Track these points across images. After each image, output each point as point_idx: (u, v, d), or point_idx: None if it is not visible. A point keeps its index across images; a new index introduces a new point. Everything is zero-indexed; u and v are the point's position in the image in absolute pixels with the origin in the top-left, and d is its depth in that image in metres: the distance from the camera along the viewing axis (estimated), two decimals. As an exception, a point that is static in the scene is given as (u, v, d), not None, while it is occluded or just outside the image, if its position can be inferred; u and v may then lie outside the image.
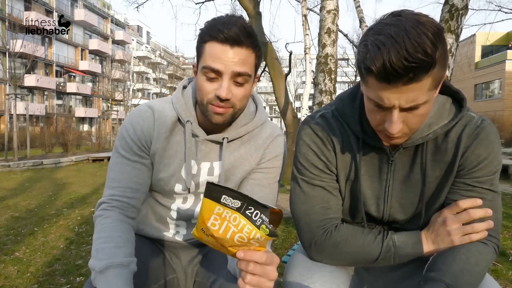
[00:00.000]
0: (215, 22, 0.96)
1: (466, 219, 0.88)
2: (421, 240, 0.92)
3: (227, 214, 0.67)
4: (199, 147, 1.07)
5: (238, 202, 0.67)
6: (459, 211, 0.90)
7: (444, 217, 0.91)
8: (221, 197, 0.67)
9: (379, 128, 0.84)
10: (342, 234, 0.96)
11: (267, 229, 0.67)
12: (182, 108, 1.06)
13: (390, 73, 0.70)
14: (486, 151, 0.88)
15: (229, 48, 0.93)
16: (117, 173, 1.05)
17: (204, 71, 0.95)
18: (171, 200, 1.12)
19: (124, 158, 1.05)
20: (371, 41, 0.73)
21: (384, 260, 0.93)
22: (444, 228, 0.90)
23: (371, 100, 0.79)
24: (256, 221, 0.67)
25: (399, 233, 0.95)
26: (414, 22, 0.71)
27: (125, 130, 1.06)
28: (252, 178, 1.10)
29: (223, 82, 0.95)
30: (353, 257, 0.96)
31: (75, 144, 16.72)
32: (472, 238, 0.88)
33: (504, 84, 24.05)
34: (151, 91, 51.08)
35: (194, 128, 1.05)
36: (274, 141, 1.13)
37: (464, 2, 3.14)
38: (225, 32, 0.92)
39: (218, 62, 0.93)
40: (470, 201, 0.89)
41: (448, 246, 0.89)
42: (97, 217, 1.01)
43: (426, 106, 0.77)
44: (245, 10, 7.17)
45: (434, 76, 0.72)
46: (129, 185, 1.04)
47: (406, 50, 0.68)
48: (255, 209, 0.67)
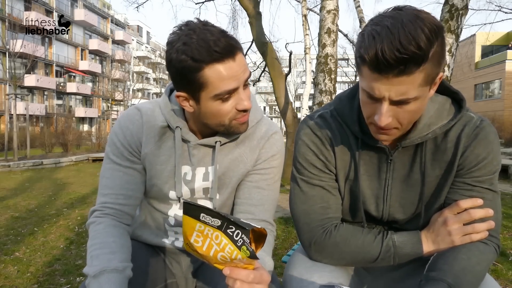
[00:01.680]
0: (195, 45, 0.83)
1: (467, 219, 0.88)
2: (421, 240, 0.92)
3: (208, 231, 0.65)
4: (192, 152, 1.03)
5: (218, 221, 0.64)
6: (460, 211, 0.89)
7: (444, 217, 0.91)
8: (199, 215, 0.65)
9: (370, 121, 0.85)
10: (342, 234, 0.96)
11: (248, 251, 0.64)
12: (170, 114, 1.02)
13: (382, 63, 0.71)
14: (485, 151, 0.88)
15: (231, 61, 0.86)
16: (108, 179, 1.02)
17: (217, 97, 0.88)
18: (168, 206, 1.10)
19: (116, 164, 1.03)
20: (368, 31, 0.74)
21: (383, 260, 0.93)
22: (444, 228, 0.90)
23: (364, 91, 0.80)
24: (237, 241, 0.64)
25: (399, 233, 0.95)
26: (413, 17, 0.71)
27: (114, 135, 1.03)
28: (249, 181, 1.06)
29: (241, 95, 0.90)
30: (353, 257, 0.96)
31: (75, 144, 16.71)
32: (472, 238, 0.88)
33: (504, 84, 24.04)
34: (151, 91, 51.09)
35: (184, 133, 1.01)
36: (270, 140, 1.07)
37: (464, 2, 3.14)
38: (218, 49, 0.83)
39: (232, 81, 0.86)
40: (471, 201, 0.89)
41: (448, 246, 0.89)
42: (90, 224, 1.00)
43: (417, 103, 0.77)
44: (245, 10, 7.17)
45: (427, 72, 0.73)
46: (121, 191, 1.02)
47: (400, 41, 0.68)
48: (236, 229, 0.64)
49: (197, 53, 0.83)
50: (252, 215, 1.04)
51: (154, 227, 1.13)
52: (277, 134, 1.09)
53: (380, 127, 0.81)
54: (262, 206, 1.05)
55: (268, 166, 1.07)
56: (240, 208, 1.06)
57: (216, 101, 0.89)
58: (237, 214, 1.06)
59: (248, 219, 1.03)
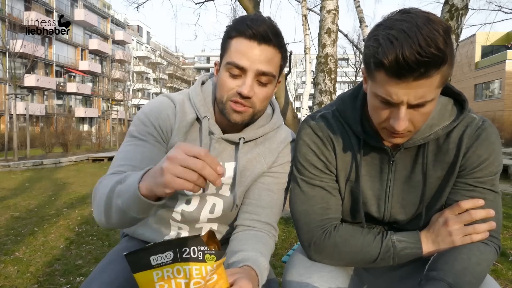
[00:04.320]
0: (243, 18, 0.94)
1: (468, 220, 0.88)
2: (420, 241, 0.92)
3: (167, 272, 0.61)
4: (213, 146, 1.03)
5: (170, 254, 0.60)
6: (461, 211, 0.89)
7: (445, 217, 0.91)
8: (150, 261, 0.60)
9: (383, 126, 0.83)
10: (341, 234, 0.96)
11: (213, 256, 0.62)
12: (201, 103, 1.03)
13: (402, 67, 0.70)
14: (487, 151, 0.88)
15: (256, 45, 0.90)
16: (127, 152, 0.94)
17: (227, 67, 0.92)
18: (174, 201, 1.08)
19: (140, 140, 0.96)
20: (383, 36, 0.73)
21: (383, 261, 0.93)
22: (445, 229, 0.90)
23: (378, 96, 0.79)
24: (198, 256, 0.61)
25: (399, 233, 0.95)
26: (425, 19, 0.71)
27: (144, 116, 0.99)
28: (262, 182, 1.07)
29: (246, 79, 0.92)
30: (352, 258, 0.96)
31: (75, 144, 16.72)
32: (473, 238, 0.88)
33: (504, 84, 24.04)
34: (151, 91, 51.08)
35: (211, 125, 1.02)
36: (288, 146, 1.10)
37: (464, 2, 3.14)
38: (254, 28, 0.89)
39: (244, 59, 0.90)
40: (472, 201, 0.89)
41: (448, 246, 0.89)
42: (104, 179, 0.89)
43: (432, 104, 0.78)
44: (245, 10, 7.17)
45: (443, 73, 0.73)
46: (141, 165, 0.90)
47: (419, 45, 0.68)
48: (189, 247, 0.61)
49: (238, 24, 0.93)
50: (257, 216, 1.04)
51: (155, 223, 1.13)
52: (293, 143, 1.11)
53: (397, 132, 0.80)
54: (270, 209, 1.05)
55: (283, 171, 1.09)
56: (247, 208, 1.06)
57: (226, 71, 0.93)
58: (242, 214, 1.06)
59: (253, 220, 1.03)
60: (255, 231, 1.03)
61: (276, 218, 1.07)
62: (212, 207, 1.08)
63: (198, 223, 1.10)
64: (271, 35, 0.91)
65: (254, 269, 0.86)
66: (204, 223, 1.11)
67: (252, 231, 1.02)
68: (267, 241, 1.02)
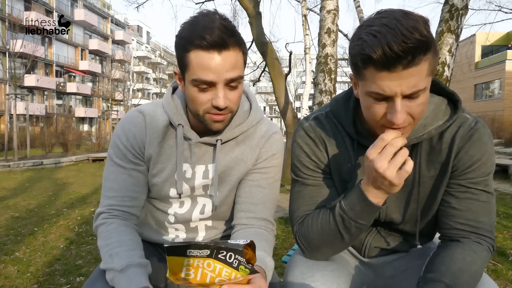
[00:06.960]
0: (193, 27, 0.87)
1: (392, 151, 0.80)
2: (364, 193, 0.87)
3: (198, 262, 0.63)
4: (193, 150, 1.04)
5: (206, 251, 0.63)
6: (383, 146, 0.81)
7: (370, 160, 0.82)
8: (186, 252, 0.63)
9: (381, 123, 0.81)
10: (306, 224, 0.98)
11: (247, 269, 0.64)
12: (173, 112, 1.03)
13: (390, 57, 0.71)
14: (479, 152, 0.88)
15: (216, 54, 0.86)
16: (113, 182, 1.03)
17: (194, 83, 0.89)
18: (168, 205, 1.11)
19: (119, 167, 1.03)
20: (365, 33, 0.75)
21: (348, 230, 0.91)
22: (376, 172, 0.81)
23: (371, 93, 0.78)
24: (233, 262, 0.63)
25: (345, 197, 0.91)
26: (402, 13, 0.74)
27: (117, 138, 1.04)
28: (250, 179, 1.08)
29: (218, 92, 0.89)
30: (324, 241, 0.96)
31: (75, 144, 16.71)
32: (407, 169, 0.80)
33: (504, 84, 24.04)
34: (151, 91, 51.11)
35: (186, 131, 1.02)
36: (270, 140, 1.08)
37: (464, 2, 3.14)
38: (208, 37, 0.84)
39: (210, 73, 0.86)
40: (395, 132, 0.81)
41: (392, 187, 0.82)
42: (99, 225, 1.00)
43: (426, 93, 0.78)
44: (245, 10, 7.17)
45: (430, 61, 0.74)
46: (127, 194, 1.03)
47: (402, 33, 0.70)
48: (227, 252, 0.63)
49: (191, 36, 0.86)
50: (253, 213, 1.05)
51: (154, 224, 1.15)
52: (277, 134, 1.10)
53: (396, 125, 0.79)
54: (263, 205, 1.06)
55: (269, 165, 1.08)
56: (241, 206, 1.07)
57: (194, 87, 0.90)
58: (238, 213, 1.07)
59: (249, 217, 1.04)
60: (254, 228, 1.04)
61: (271, 213, 1.08)
62: (202, 208, 1.11)
63: (192, 222, 1.13)
64: (227, 38, 0.86)
65: (263, 268, 0.87)
66: (197, 222, 1.14)
67: (251, 228, 1.04)
68: (267, 237, 1.03)
